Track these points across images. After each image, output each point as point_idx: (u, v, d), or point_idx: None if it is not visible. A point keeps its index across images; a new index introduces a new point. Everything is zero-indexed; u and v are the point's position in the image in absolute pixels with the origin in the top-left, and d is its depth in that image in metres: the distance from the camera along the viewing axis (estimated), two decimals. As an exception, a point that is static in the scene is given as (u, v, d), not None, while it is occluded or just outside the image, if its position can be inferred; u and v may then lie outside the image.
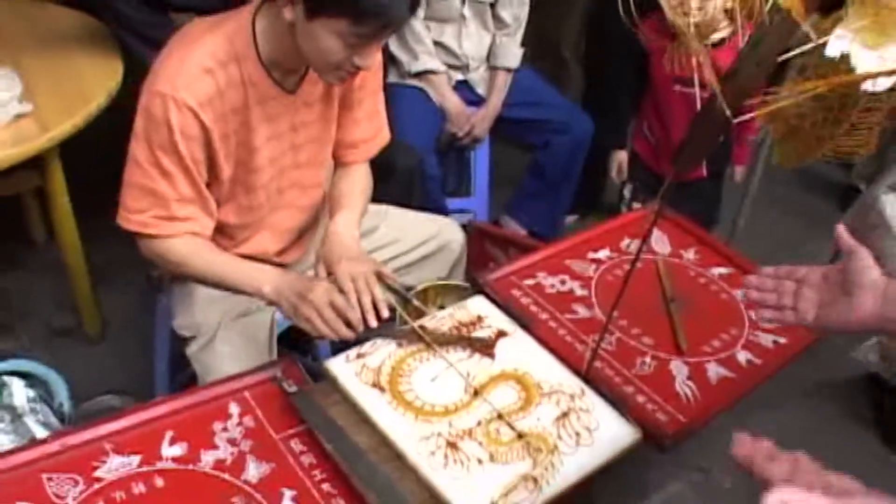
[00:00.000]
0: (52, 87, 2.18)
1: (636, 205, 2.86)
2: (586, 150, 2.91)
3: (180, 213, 1.62)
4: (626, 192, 2.95)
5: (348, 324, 1.53)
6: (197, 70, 1.52)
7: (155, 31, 2.20)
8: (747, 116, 1.20)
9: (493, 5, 2.82)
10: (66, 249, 2.38)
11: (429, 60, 2.76)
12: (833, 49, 1.17)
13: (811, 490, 0.88)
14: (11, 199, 2.74)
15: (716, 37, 1.89)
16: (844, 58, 1.17)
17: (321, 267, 1.67)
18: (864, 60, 1.15)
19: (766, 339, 1.74)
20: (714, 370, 1.65)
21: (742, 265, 1.90)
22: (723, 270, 1.90)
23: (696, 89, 1.20)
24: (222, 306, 1.80)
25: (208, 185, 1.67)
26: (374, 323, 1.56)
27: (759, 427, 2.42)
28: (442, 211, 2.61)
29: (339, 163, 1.90)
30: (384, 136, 1.93)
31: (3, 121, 1.97)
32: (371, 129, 1.87)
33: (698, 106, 1.21)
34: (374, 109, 1.86)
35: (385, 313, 1.58)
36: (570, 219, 3.30)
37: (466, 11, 2.77)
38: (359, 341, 1.54)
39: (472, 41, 2.83)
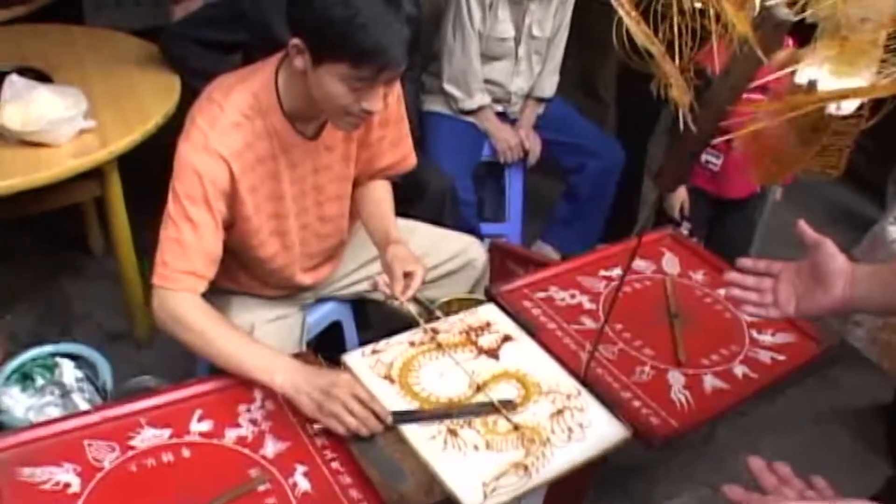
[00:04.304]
0: (114, 106, 2.38)
1: (694, 240, 2.90)
2: (617, 176, 3.03)
3: (201, 268, 1.62)
4: (684, 230, 2.90)
5: (375, 415, 1.48)
6: (227, 124, 1.60)
7: (204, 63, 2.44)
8: (724, 138, 1.32)
9: (550, 40, 2.95)
10: (121, 259, 2.56)
11: (482, 98, 2.92)
12: (802, 76, 1.29)
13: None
14: (74, 212, 2.96)
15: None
16: (813, 84, 1.29)
17: (398, 266, 1.75)
18: (830, 87, 1.27)
19: (765, 356, 1.82)
20: (710, 381, 1.73)
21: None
22: (729, 291, 2.00)
23: (680, 112, 1.31)
24: (256, 311, 1.92)
25: (243, 241, 1.75)
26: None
27: (770, 450, 2.51)
28: (475, 234, 2.73)
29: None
30: (409, 161, 2.00)
31: (68, 135, 2.17)
32: (396, 155, 1.95)
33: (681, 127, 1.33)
34: (398, 137, 1.93)
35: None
36: (602, 248, 3.40)
37: (521, 51, 2.91)
38: (387, 429, 1.50)
39: (523, 78, 2.97)
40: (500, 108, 3.01)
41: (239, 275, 1.89)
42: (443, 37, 2.86)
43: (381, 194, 1.98)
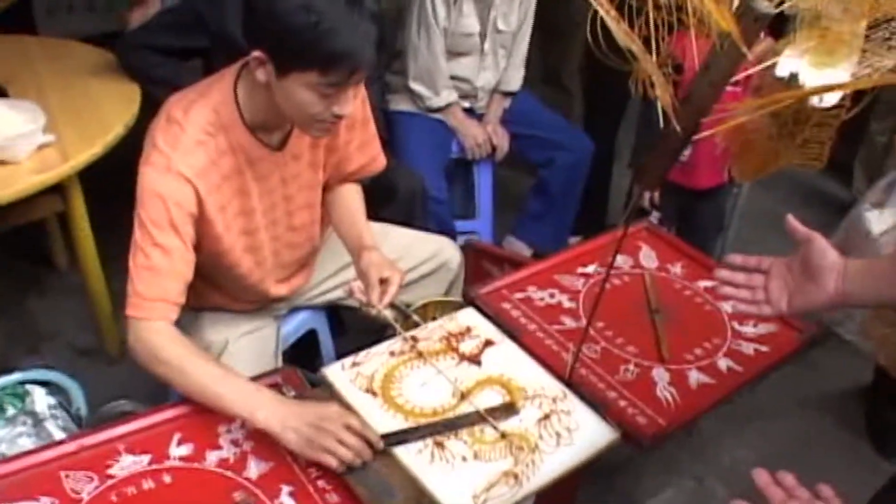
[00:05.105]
0: (73, 119, 2.31)
1: (664, 230, 2.89)
2: (587, 168, 3.01)
3: (174, 294, 1.55)
4: (653, 219, 2.93)
5: (368, 443, 1.43)
6: (190, 143, 1.54)
7: (165, 71, 2.41)
8: (705, 133, 1.29)
9: (515, 33, 2.92)
10: (87, 272, 2.50)
11: (449, 95, 2.88)
12: (783, 69, 1.27)
13: None
14: (36, 226, 2.88)
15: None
16: (795, 76, 1.27)
17: (374, 272, 1.71)
18: (812, 78, 1.25)
19: (748, 348, 1.81)
20: (695, 377, 1.72)
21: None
22: (708, 283, 1.98)
23: (659, 110, 1.29)
24: (229, 325, 1.87)
25: (214, 261, 1.70)
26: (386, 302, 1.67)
27: (755, 439, 2.50)
28: (450, 233, 2.70)
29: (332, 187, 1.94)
30: (379, 162, 1.96)
31: (27, 151, 2.10)
32: (365, 157, 1.91)
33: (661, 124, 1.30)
34: (366, 139, 1.89)
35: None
36: (574, 240, 3.38)
37: (486, 45, 2.88)
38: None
39: (489, 72, 2.94)
40: (466, 103, 2.98)
41: (210, 294, 1.84)
42: (407, 35, 2.81)
43: (350, 198, 1.94)
